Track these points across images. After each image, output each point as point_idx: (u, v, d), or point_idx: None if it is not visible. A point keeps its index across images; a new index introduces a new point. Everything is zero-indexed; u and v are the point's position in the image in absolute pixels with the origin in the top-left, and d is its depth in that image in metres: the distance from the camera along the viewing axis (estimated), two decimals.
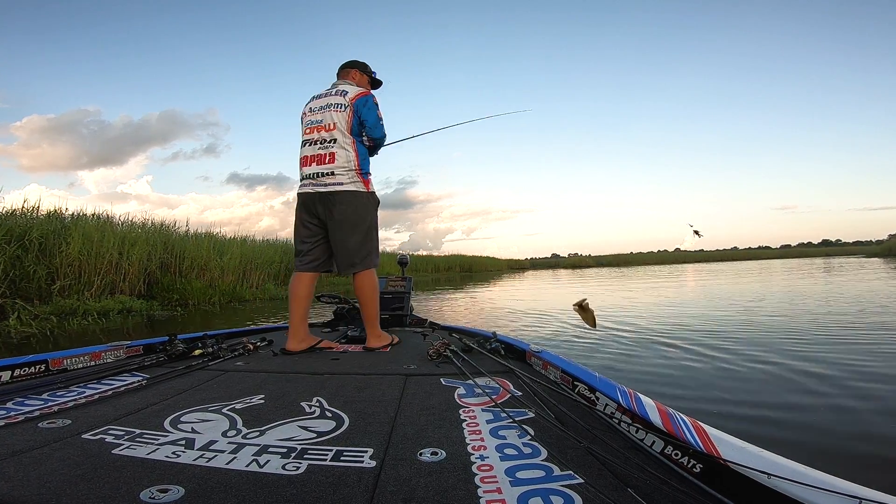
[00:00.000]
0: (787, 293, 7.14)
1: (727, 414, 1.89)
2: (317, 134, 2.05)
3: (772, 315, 4.68)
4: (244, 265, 10.04)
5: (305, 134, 2.09)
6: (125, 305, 6.69)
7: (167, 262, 8.38)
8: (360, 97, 2.06)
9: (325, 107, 2.06)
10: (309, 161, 2.06)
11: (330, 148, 2.02)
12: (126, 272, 7.39)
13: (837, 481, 0.60)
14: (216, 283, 8.86)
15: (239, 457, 0.87)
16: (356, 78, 2.22)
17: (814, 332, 3.62)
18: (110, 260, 7.09)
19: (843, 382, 2.23)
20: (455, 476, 0.79)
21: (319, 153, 2.03)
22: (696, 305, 6.10)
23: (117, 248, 7.20)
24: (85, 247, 6.73)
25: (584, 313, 2.02)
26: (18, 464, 0.83)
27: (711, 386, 2.29)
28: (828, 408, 1.91)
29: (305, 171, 2.07)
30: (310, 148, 2.06)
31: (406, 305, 2.81)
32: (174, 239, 8.87)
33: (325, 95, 2.12)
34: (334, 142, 2.02)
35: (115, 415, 1.13)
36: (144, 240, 7.92)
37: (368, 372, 1.59)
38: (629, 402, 1.00)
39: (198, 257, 8.82)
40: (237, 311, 7.26)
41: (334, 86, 2.16)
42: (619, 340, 3.55)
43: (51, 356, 1.61)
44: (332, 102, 2.06)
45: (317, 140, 2.05)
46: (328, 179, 2.01)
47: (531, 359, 1.65)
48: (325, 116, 2.05)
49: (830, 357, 2.73)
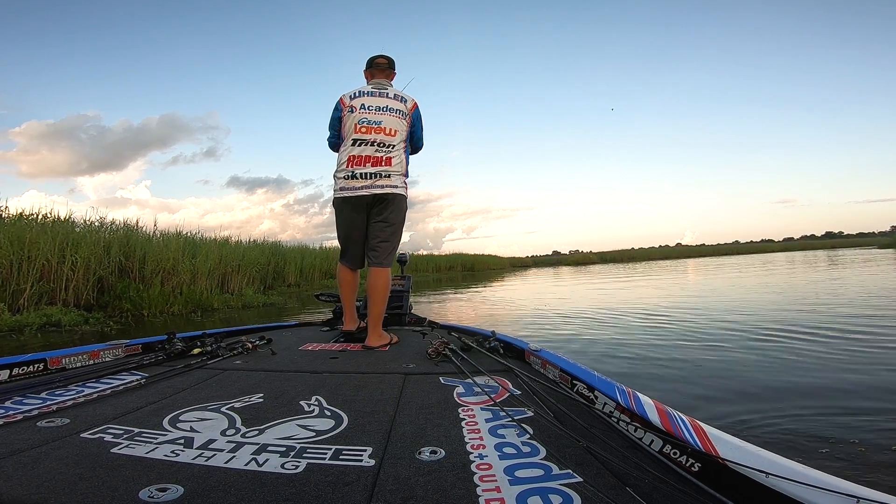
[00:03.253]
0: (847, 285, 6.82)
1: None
2: (375, 135, 2.05)
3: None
4: (224, 268, 9.22)
5: (359, 132, 2.06)
6: (50, 319, 5.58)
7: (126, 267, 7.47)
8: (415, 109, 2.15)
9: (385, 109, 2.07)
10: (364, 161, 2.05)
11: (390, 152, 2.07)
12: (69, 279, 6.42)
13: (836, 480, 0.60)
14: (183, 288, 7.94)
15: (238, 456, 0.87)
16: (393, 79, 2.23)
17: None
18: (45, 265, 6.15)
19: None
20: (454, 475, 0.79)
21: (378, 155, 2.05)
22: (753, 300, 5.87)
23: (55, 251, 6.25)
24: (8, 250, 5.82)
25: None
26: (17, 463, 0.83)
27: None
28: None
29: (359, 171, 2.05)
30: (366, 148, 2.05)
31: (405, 304, 2.80)
32: (136, 241, 7.88)
33: (381, 96, 2.10)
34: (393, 147, 2.07)
35: (113, 414, 1.13)
36: (92, 241, 6.89)
37: (367, 371, 1.59)
38: (628, 401, 1.00)
39: (163, 260, 7.85)
40: (191, 323, 6.45)
41: (382, 86, 2.15)
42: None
43: (49, 355, 1.61)
44: (393, 107, 2.09)
45: (376, 142, 2.05)
46: (384, 182, 2.06)
47: (530, 358, 1.65)
48: (385, 120, 2.07)
49: None
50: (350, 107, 2.09)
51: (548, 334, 4.18)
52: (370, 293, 2.12)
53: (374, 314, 2.08)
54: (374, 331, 2.08)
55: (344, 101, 2.11)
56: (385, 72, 2.20)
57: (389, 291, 2.16)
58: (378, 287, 2.11)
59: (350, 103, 2.09)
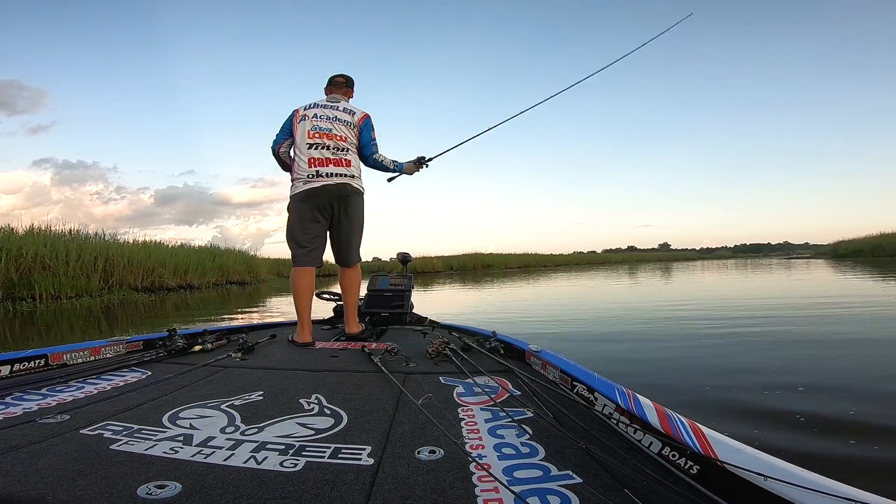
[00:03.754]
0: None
1: None
2: (329, 140, 2.20)
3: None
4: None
5: (312, 138, 2.20)
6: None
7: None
8: (365, 119, 2.29)
9: (334, 119, 2.23)
10: (326, 163, 2.19)
11: (345, 155, 2.23)
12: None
13: (833, 483, 0.60)
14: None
15: (237, 453, 0.87)
16: (351, 96, 2.41)
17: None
18: None
19: None
20: (452, 475, 0.79)
21: (336, 157, 2.21)
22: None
23: None
24: None
25: None
26: (16, 459, 0.84)
27: None
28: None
29: (322, 170, 2.18)
30: (324, 151, 2.20)
31: (406, 303, 2.81)
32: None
33: (331, 108, 2.26)
34: (347, 150, 2.24)
35: (113, 410, 1.13)
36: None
37: (367, 370, 1.59)
38: (627, 402, 1.00)
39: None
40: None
41: (335, 100, 2.31)
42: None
43: (50, 351, 1.62)
44: (342, 119, 2.24)
45: (330, 146, 2.20)
46: (346, 181, 2.21)
47: (530, 358, 1.65)
48: (335, 128, 2.22)
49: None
50: (303, 116, 2.25)
51: None
52: (346, 288, 2.32)
53: (352, 304, 2.32)
54: (353, 320, 2.32)
55: (298, 111, 2.28)
56: (342, 89, 2.38)
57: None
58: (353, 281, 2.33)
59: (303, 113, 2.26)
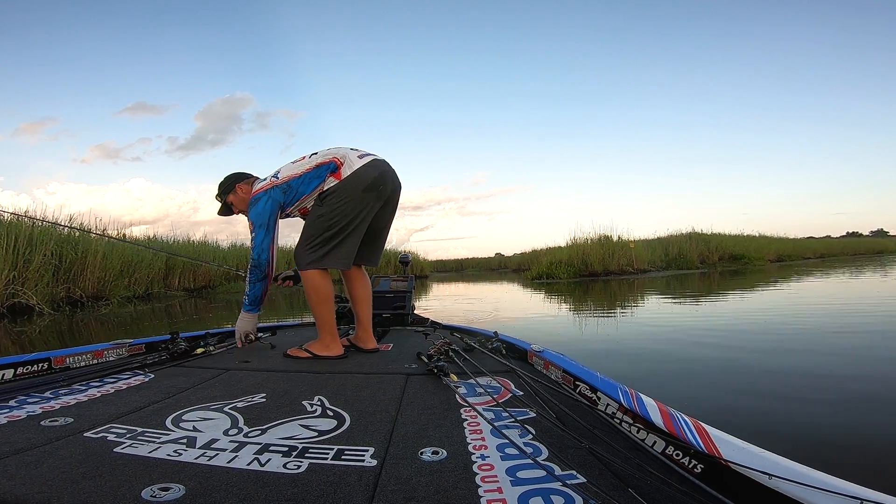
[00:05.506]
0: None
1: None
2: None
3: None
4: None
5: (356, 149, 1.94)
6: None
7: None
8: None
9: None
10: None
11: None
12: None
13: (839, 482, 0.60)
14: None
15: (240, 455, 0.87)
16: (247, 191, 2.03)
17: None
18: None
19: None
20: (456, 476, 0.79)
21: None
22: None
23: None
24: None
25: None
26: (20, 462, 0.84)
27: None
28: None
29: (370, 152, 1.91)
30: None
31: (408, 304, 2.82)
32: None
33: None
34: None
35: (116, 413, 1.14)
36: None
37: (369, 371, 1.60)
38: (631, 402, 1.00)
39: None
40: None
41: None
42: None
43: (53, 354, 1.62)
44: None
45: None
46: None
47: (533, 358, 1.65)
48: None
49: None
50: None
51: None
52: (365, 295, 2.01)
53: (368, 316, 2.01)
54: (369, 333, 2.01)
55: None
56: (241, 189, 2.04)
57: None
58: (370, 291, 2.04)
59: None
